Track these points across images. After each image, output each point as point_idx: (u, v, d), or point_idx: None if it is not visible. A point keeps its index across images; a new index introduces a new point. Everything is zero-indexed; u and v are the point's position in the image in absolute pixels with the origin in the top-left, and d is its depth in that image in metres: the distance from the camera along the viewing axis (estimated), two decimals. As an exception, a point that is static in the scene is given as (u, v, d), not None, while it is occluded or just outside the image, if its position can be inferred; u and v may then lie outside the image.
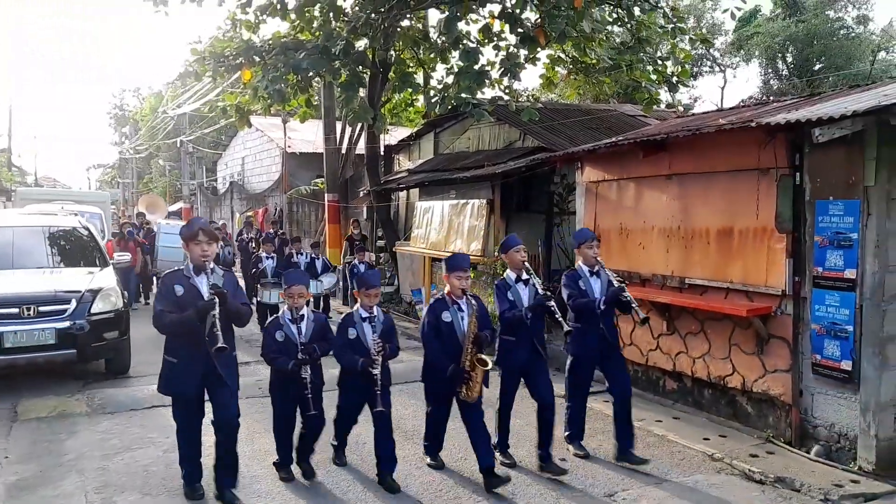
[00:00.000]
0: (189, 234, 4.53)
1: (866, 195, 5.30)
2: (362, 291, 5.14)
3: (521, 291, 5.42)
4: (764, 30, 21.05)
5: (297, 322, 5.02)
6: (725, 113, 8.04)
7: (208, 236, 4.54)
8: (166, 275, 4.63)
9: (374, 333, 4.98)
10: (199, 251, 4.51)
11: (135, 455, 5.75)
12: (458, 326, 5.08)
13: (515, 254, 5.48)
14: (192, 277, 4.55)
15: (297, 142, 21.85)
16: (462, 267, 5.16)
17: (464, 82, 9.83)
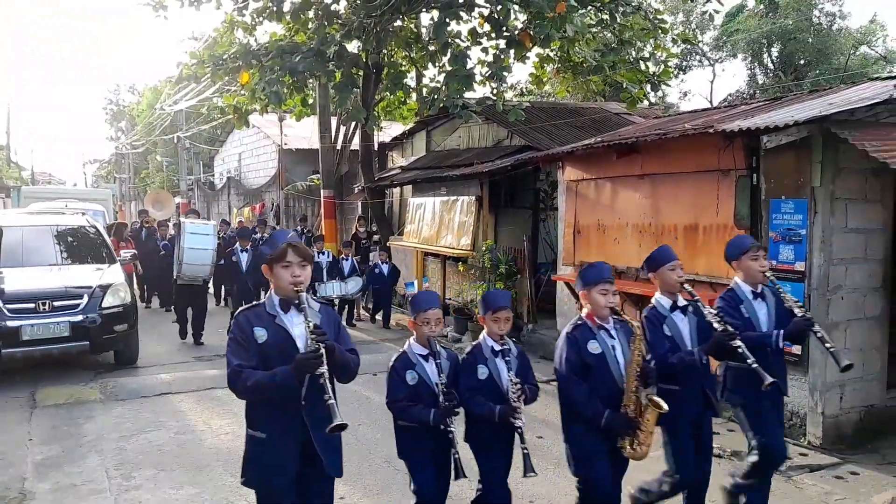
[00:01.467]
0: (274, 253, 3.14)
1: (813, 195, 5.84)
2: (488, 315, 3.88)
3: (680, 323, 4.12)
4: (745, 26, 21.54)
5: (433, 358, 3.75)
6: (694, 116, 8.55)
7: (301, 256, 3.14)
8: (241, 313, 3.21)
9: (510, 371, 3.81)
10: (289, 277, 3.11)
11: (148, 437, 6.28)
12: (612, 359, 3.76)
13: (670, 272, 4.16)
14: (279, 315, 3.18)
15: (293, 138, 22.30)
16: (605, 277, 3.81)
17: (453, 85, 10.31)
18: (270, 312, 3.19)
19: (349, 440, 4.94)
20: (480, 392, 3.82)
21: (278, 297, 3.19)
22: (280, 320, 3.17)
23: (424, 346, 3.79)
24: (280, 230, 3.26)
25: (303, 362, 2.99)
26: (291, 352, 3.08)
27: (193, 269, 9.95)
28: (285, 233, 3.32)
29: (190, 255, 9.87)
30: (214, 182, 32.95)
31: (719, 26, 22.79)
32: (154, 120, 33.92)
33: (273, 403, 3.14)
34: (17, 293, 7.96)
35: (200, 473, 5.43)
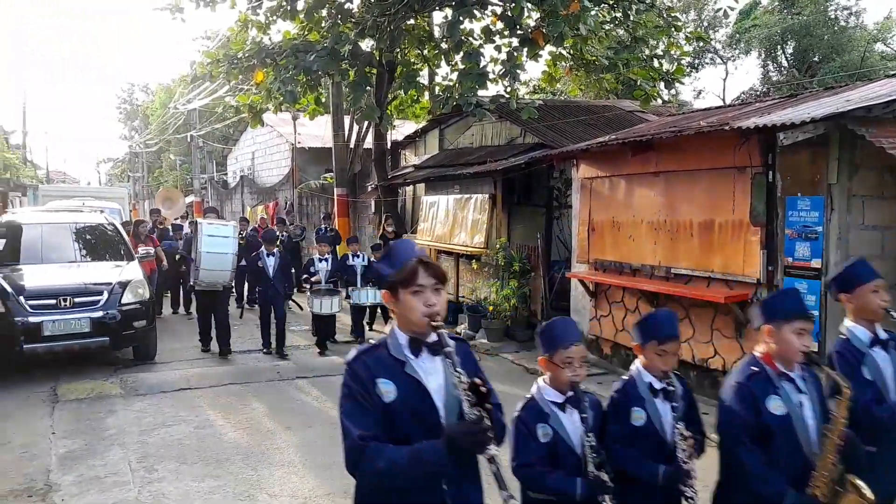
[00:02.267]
0: (400, 274, 2.26)
1: (830, 192, 5.84)
2: (651, 346, 2.94)
3: (882, 362, 3.16)
4: (761, 22, 21.46)
5: (573, 407, 2.79)
6: (709, 113, 8.56)
7: (436, 277, 2.28)
8: (357, 359, 2.30)
9: (675, 413, 2.87)
10: (423, 307, 2.24)
11: (169, 430, 6.37)
12: (800, 420, 2.77)
13: (872, 296, 3.19)
14: (409, 362, 2.28)
15: (306, 137, 22.40)
16: (802, 313, 2.82)
17: (466, 83, 10.36)
18: (397, 357, 2.26)
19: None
20: (634, 443, 2.89)
21: (406, 336, 2.28)
22: (411, 368, 2.25)
23: (561, 393, 2.81)
24: (402, 240, 2.38)
25: (464, 439, 2.10)
26: (429, 414, 2.21)
27: (212, 276, 9.12)
28: (409, 245, 2.37)
29: (207, 260, 9.03)
30: (228, 181, 33.16)
31: (733, 24, 22.71)
32: (167, 119, 34.19)
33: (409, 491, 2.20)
34: (38, 289, 8.08)
35: (221, 466, 5.51)
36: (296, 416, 6.83)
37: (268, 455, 5.77)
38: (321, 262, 10.18)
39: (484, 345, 9.91)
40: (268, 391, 7.76)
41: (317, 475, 5.36)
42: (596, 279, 8.49)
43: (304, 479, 5.27)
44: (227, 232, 9.51)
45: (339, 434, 2.28)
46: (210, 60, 12.35)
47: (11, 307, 7.84)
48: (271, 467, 5.54)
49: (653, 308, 7.75)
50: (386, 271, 2.32)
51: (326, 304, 9.69)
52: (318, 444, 6.03)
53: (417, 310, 2.24)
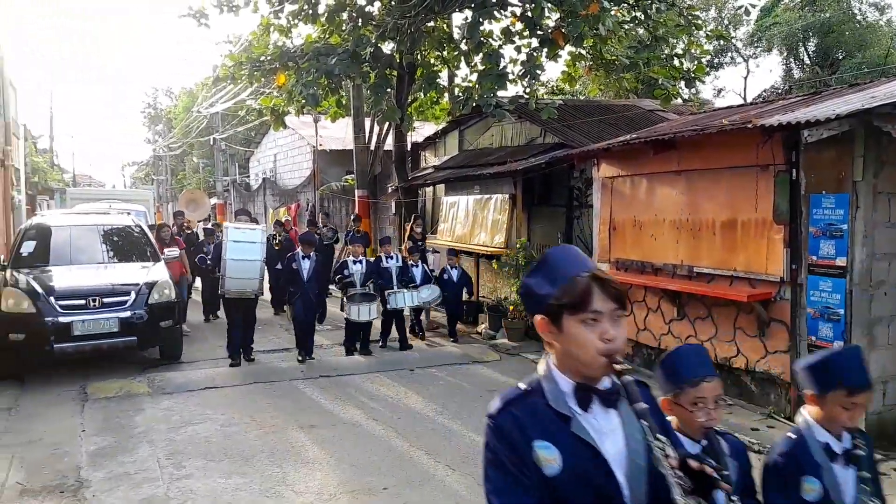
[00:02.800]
0: (567, 295, 1.67)
1: (855, 189, 5.79)
2: (838, 396, 2.26)
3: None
4: (783, 19, 21.24)
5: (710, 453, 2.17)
6: (731, 111, 8.50)
7: (616, 299, 1.68)
8: (499, 414, 1.70)
9: (862, 485, 2.28)
10: (598, 342, 1.64)
11: (196, 428, 6.48)
12: None
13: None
14: (576, 417, 1.67)
15: (328, 139, 22.56)
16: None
17: (486, 84, 10.40)
18: (558, 410, 1.65)
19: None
20: None
21: (570, 381, 1.66)
22: (580, 427, 1.64)
23: (692, 440, 2.21)
24: (561, 247, 1.77)
25: None
26: (607, 491, 1.62)
27: (239, 284, 8.69)
28: (572, 253, 1.75)
29: (234, 268, 8.64)
30: (250, 183, 33.47)
31: (754, 21, 22.50)
32: (190, 122, 34.60)
33: None
34: (68, 290, 8.24)
35: (247, 464, 5.59)
36: (320, 415, 6.90)
37: (292, 453, 5.85)
38: (356, 264, 9.68)
39: (504, 345, 9.94)
40: (292, 390, 7.85)
41: (341, 472, 5.43)
42: (617, 278, 8.44)
43: (329, 477, 5.34)
44: (254, 237, 8.93)
45: (361, 432, 2.31)
46: (233, 64, 12.51)
47: (42, 307, 8.01)
48: (296, 465, 5.61)
49: (675, 307, 7.73)
50: (543, 290, 1.68)
51: (364, 310, 9.17)
52: (341, 442, 6.10)
53: (591, 346, 1.62)
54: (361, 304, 9.16)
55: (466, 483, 5.22)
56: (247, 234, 8.97)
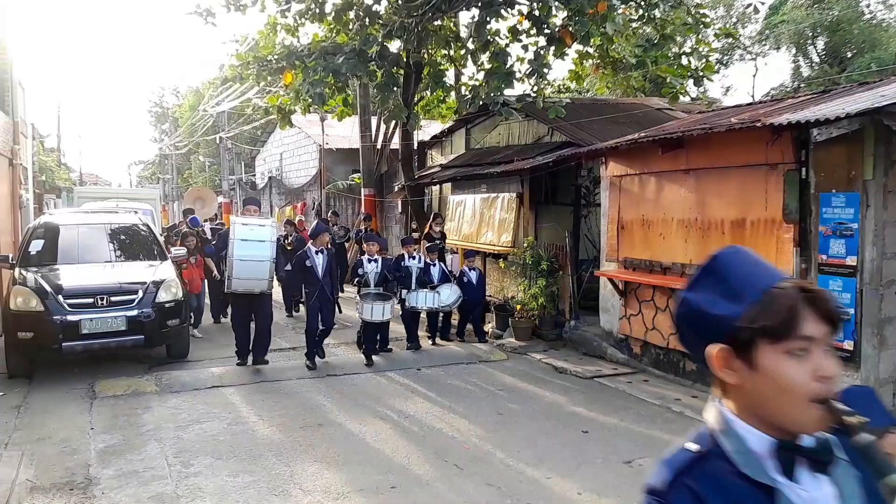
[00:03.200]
0: (765, 317, 1.17)
1: (865, 188, 5.76)
2: None
3: None
4: (791, 17, 21.14)
5: None
6: (739, 110, 8.46)
7: (829, 319, 1.19)
8: (671, 488, 1.18)
9: None
10: (812, 382, 1.15)
11: (203, 427, 6.49)
12: None
13: None
14: (781, 489, 1.17)
15: (334, 138, 22.58)
16: None
17: (493, 82, 10.39)
18: (753, 478, 1.19)
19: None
20: None
21: (765, 437, 1.22)
22: (787, 502, 1.19)
23: None
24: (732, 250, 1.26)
25: None
26: None
27: (246, 284, 8.24)
28: (749, 259, 1.31)
29: (241, 269, 8.09)
30: (256, 182, 33.54)
31: (762, 19, 22.40)
32: (196, 121, 34.68)
33: None
34: (76, 289, 8.26)
35: (255, 462, 5.60)
36: (326, 414, 6.91)
37: (300, 451, 5.85)
38: (370, 262, 9.27)
39: (511, 344, 9.92)
40: (299, 389, 7.85)
41: (349, 471, 5.43)
42: (626, 277, 8.46)
43: (337, 475, 5.34)
44: (263, 234, 8.32)
45: (369, 431, 2.28)
46: (240, 63, 12.52)
47: (50, 306, 8.03)
48: (304, 463, 5.61)
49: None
50: (720, 308, 1.23)
51: (378, 310, 8.81)
52: (349, 440, 6.11)
53: (801, 387, 1.17)
54: (375, 304, 8.80)
55: (474, 482, 5.21)
56: (255, 231, 8.29)
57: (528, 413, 6.96)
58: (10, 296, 8.17)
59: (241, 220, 8.49)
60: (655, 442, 6.03)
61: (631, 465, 5.59)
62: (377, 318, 8.83)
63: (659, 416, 6.84)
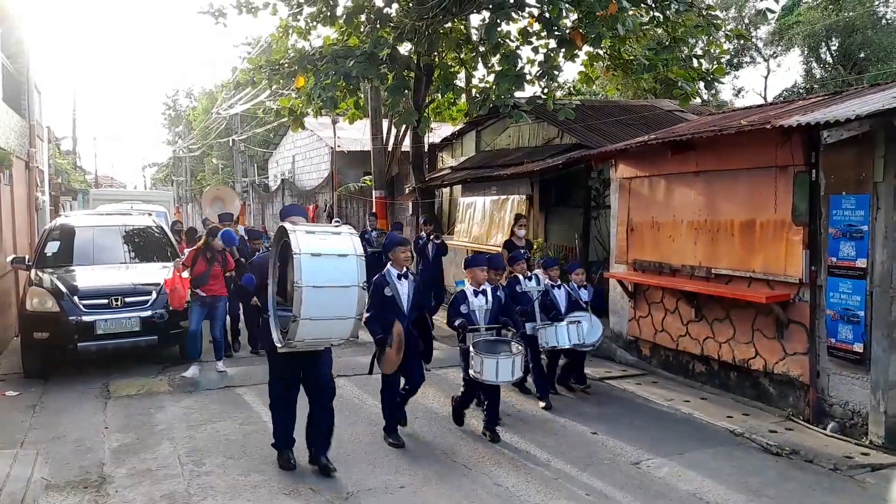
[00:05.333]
0: None
1: (876, 190, 5.74)
2: None
3: None
4: (805, 19, 21.03)
5: None
6: (749, 112, 8.45)
7: None
8: None
9: None
10: None
11: (216, 427, 6.56)
12: None
13: None
14: None
15: (345, 140, 22.71)
16: None
17: (503, 85, 10.41)
18: None
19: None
20: None
21: None
22: None
23: None
24: None
25: None
26: None
27: (323, 330, 4.85)
28: None
29: (314, 303, 4.66)
30: (269, 184, 33.73)
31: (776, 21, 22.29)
32: (210, 124, 34.93)
33: None
34: (91, 290, 8.38)
35: (266, 462, 5.65)
36: (338, 415, 6.93)
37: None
38: (477, 295, 6.27)
39: (522, 345, 9.90)
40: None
41: (359, 471, 5.47)
42: (635, 279, 8.46)
43: (347, 475, 5.38)
44: (343, 245, 4.94)
45: (378, 432, 2.29)
46: (253, 67, 12.63)
47: (66, 307, 8.15)
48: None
49: (692, 308, 7.68)
50: None
51: (506, 366, 5.81)
52: (359, 441, 6.15)
53: None
54: (502, 358, 5.85)
55: (483, 482, 5.24)
56: (331, 241, 4.98)
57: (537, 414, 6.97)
58: (27, 296, 8.30)
59: (305, 228, 5.01)
60: (663, 444, 6.04)
61: (639, 466, 5.61)
62: (504, 379, 5.88)
63: (667, 418, 6.84)
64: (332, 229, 5.18)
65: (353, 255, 4.85)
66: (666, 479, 5.34)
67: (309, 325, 4.67)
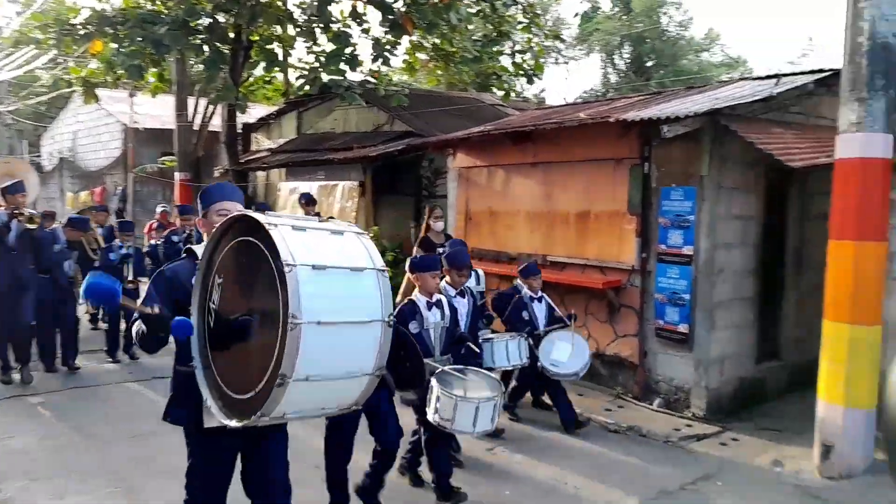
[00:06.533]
0: None
1: (701, 183, 6.25)
2: None
3: None
4: (603, 27, 22.92)
5: None
6: (582, 107, 8.90)
7: None
8: None
9: None
10: None
11: (8, 444, 5.50)
12: None
13: None
14: None
15: (142, 116, 20.64)
16: None
17: (334, 65, 10.00)
18: None
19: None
20: None
21: None
22: None
23: None
24: None
25: None
26: None
27: (321, 397, 2.64)
28: None
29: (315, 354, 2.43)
30: (42, 164, 29.73)
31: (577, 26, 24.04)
32: (-34, 90, 29.98)
33: None
34: None
35: (83, 481, 4.82)
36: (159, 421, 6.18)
37: (135, 464, 5.15)
38: (431, 309, 4.74)
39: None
40: (122, 395, 6.99)
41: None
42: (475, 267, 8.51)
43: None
44: (355, 253, 2.74)
45: None
46: (38, 24, 10.91)
47: None
48: (143, 478, 4.95)
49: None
50: None
51: (487, 411, 4.34)
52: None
53: None
54: (480, 401, 4.29)
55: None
56: (334, 244, 2.70)
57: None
58: None
59: (285, 219, 2.68)
60: (510, 431, 6.10)
61: (493, 452, 5.60)
62: (485, 427, 4.36)
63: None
64: (327, 226, 2.77)
65: (373, 270, 2.69)
66: (523, 466, 5.37)
67: (302, 388, 2.45)
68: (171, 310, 2.78)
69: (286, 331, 2.33)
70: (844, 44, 4.90)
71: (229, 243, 2.72)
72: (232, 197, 3.12)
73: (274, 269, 2.44)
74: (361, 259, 2.68)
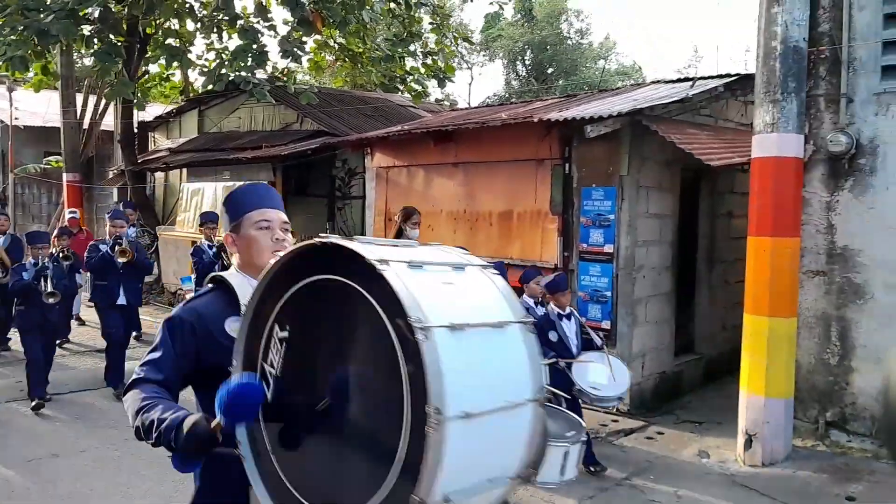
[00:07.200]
0: None
1: (621, 183, 6.38)
2: None
3: None
4: (506, 34, 23.30)
5: None
6: (501, 108, 8.93)
7: None
8: None
9: None
10: None
11: None
12: None
13: None
14: None
15: (22, 113, 19.09)
16: None
17: (242, 61, 9.57)
18: None
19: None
20: None
21: None
22: None
23: None
24: None
25: None
26: None
27: None
28: None
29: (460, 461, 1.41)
30: None
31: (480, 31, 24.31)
32: None
33: None
34: None
35: None
36: (61, 443, 5.66)
37: (37, 491, 4.66)
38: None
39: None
40: (12, 417, 6.35)
41: None
42: (392, 269, 8.35)
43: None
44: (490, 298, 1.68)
45: (123, 455, 1.61)
46: None
47: None
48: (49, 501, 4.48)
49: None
50: None
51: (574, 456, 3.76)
52: (100, 470, 5.04)
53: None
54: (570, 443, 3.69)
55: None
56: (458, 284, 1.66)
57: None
58: None
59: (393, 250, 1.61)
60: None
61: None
62: (571, 475, 3.74)
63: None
64: (444, 257, 1.78)
65: (515, 324, 1.70)
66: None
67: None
68: (191, 369, 1.97)
69: (424, 433, 1.37)
70: (757, 48, 5.11)
71: (298, 281, 1.69)
72: (273, 202, 2.19)
73: (391, 331, 1.46)
74: (498, 308, 1.71)
